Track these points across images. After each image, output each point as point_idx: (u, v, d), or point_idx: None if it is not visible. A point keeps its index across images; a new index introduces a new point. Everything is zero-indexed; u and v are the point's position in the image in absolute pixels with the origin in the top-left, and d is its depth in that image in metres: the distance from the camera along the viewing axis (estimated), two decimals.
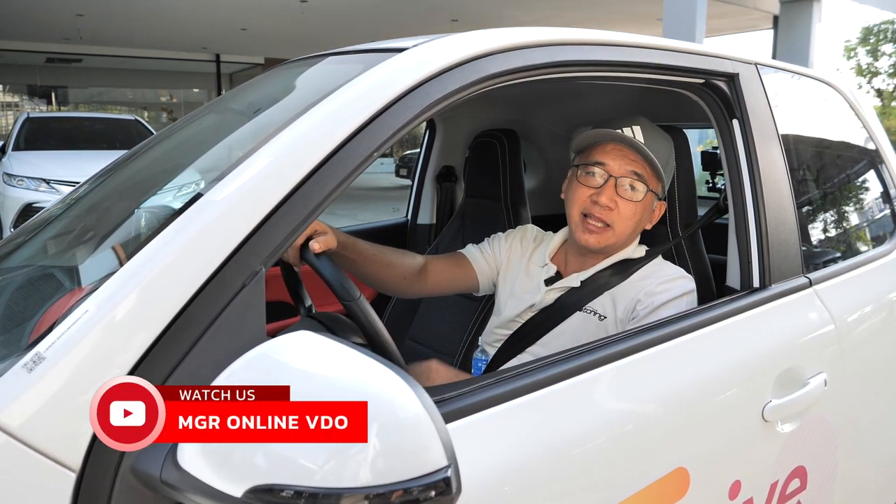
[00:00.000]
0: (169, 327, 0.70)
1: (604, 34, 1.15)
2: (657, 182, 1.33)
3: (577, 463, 0.92)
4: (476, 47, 0.97)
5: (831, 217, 1.67)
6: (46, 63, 14.98)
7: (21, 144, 6.87)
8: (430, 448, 0.56)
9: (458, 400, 0.85)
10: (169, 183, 1.03)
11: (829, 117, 1.72)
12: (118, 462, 0.67)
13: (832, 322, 1.33)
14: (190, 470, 0.61)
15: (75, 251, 1.03)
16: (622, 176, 1.30)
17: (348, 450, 0.58)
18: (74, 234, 1.12)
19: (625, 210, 1.31)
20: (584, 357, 1.00)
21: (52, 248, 1.10)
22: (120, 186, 1.26)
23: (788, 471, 1.22)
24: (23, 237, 1.24)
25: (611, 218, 1.31)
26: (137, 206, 1.02)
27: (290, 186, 0.78)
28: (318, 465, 0.59)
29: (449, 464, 0.57)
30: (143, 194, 1.11)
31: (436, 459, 0.56)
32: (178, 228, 0.74)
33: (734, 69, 1.32)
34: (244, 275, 0.74)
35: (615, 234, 1.32)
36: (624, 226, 1.32)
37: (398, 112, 0.87)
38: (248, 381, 0.64)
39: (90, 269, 0.94)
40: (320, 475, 0.58)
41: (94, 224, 1.15)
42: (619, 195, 1.30)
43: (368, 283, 1.43)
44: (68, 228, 1.17)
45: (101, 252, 1.00)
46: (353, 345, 0.64)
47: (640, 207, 1.32)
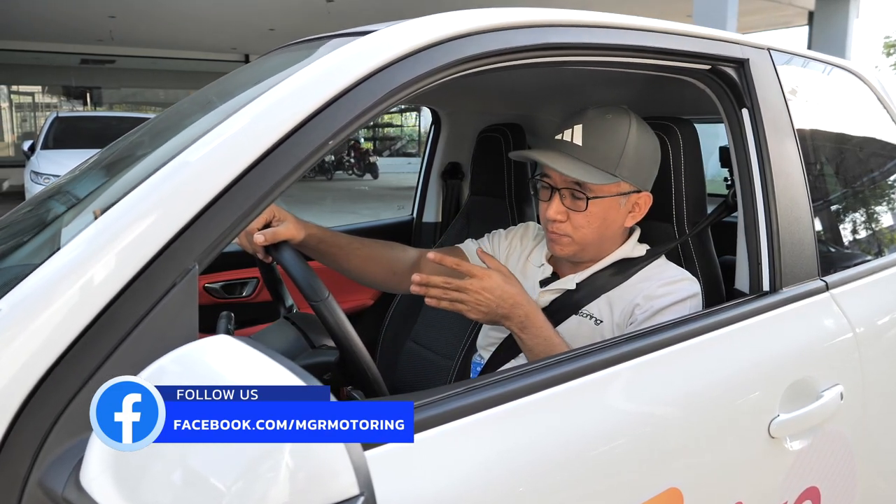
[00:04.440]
0: (87, 330, 0.64)
1: (597, 15, 1.06)
2: (610, 184, 1.20)
3: (556, 481, 0.84)
4: (449, 28, 0.90)
5: (852, 216, 1.55)
6: (81, 64, 15.27)
7: (50, 143, 7.00)
8: (340, 475, 0.49)
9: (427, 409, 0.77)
10: (114, 182, 0.98)
11: (852, 108, 1.60)
12: (26, 476, 0.61)
13: (851, 330, 1.23)
14: (89, 490, 0.55)
15: (13, 253, 0.98)
16: (564, 187, 1.21)
17: (258, 468, 0.51)
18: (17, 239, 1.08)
19: (576, 220, 1.21)
20: (569, 364, 0.92)
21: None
22: (70, 187, 1.21)
23: (799, 492, 1.11)
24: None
25: (564, 229, 1.22)
26: (73, 205, 0.97)
27: (230, 178, 0.72)
28: (227, 485, 0.52)
29: (361, 492, 0.49)
30: (85, 196, 1.07)
31: (345, 488, 0.49)
32: (105, 223, 0.68)
33: (744, 54, 1.22)
34: (175, 273, 0.68)
35: (575, 242, 1.23)
36: (581, 234, 1.22)
37: (357, 98, 0.80)
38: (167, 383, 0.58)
39: (9, 270, 0.89)
40: (227, 498, 0.51)
41: (34, 225, 1.11)
42: (566, 206, 1.21)
43: (353, 279, 1.37)
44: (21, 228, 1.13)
45: (23, 254, 0.95)
46: (276, 355, 0.57)
47: (593, 214, 1.21)
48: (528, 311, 1.14)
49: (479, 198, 2.05)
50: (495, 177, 1.96)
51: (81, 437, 0.62)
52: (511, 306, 1.12)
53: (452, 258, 1.14)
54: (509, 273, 1.16)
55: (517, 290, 1.14)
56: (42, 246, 0.97)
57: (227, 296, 1.89)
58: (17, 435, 0.62)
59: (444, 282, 1.10)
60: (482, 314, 1.13)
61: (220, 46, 14.86)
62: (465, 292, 1.11)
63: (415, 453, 0.74)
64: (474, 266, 1.13)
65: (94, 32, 12.68)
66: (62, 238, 0.86)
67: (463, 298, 1.11)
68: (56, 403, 0.63)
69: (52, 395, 0.63)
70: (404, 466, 0.74)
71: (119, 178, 0.99)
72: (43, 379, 0.63)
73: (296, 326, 1.13)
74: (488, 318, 1.14)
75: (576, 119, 1.22)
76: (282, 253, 1.07)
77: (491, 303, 1.11)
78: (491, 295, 1.11)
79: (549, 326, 1.16)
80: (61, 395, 0.64)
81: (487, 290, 1.11)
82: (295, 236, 1.13)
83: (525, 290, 1.17)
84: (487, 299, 1.11)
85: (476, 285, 1.10)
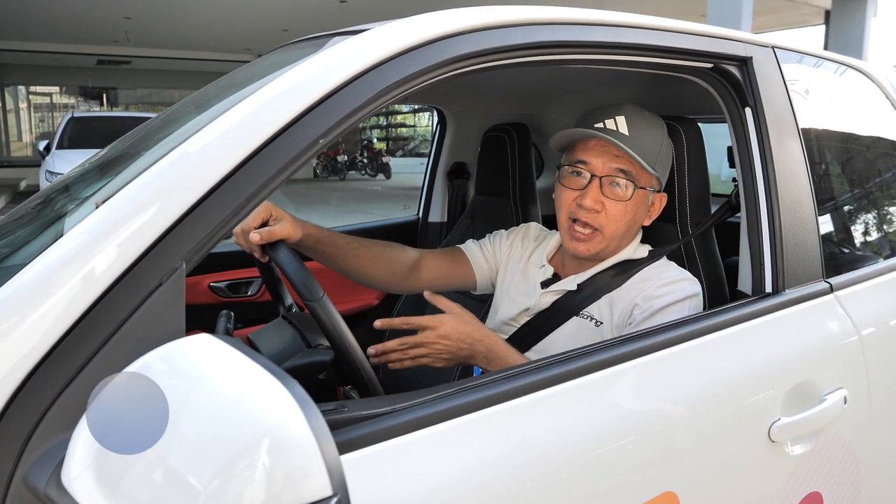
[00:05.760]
0: (74, 326, 0.64)
1: (595, 13, 1.05)
2: (649, 176, 1.22)
3: (547, 483, 0.83)
4: (442, 27, 0.89)
5: (859, 217, 1.53)
6: (98, 65, 15.43)
7: (65, 143, 7.08)
8: (312, 476, 0.49)
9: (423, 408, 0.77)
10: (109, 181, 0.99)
11: (860, 108, 1.58)
12: (11, 472, 0.61)
13: (856, 332, 1.20)
14: (69, 489, 0.55)
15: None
16: (606, 175, 1.19)
17: (235, 466, 0.51)
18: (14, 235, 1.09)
19: (613, 211, 1.20)
20: (567, 364, 0.91)
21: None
22: (68, 187, 1.22)
23: (800, 497, 1.10)
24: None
25: (598, 221, 1.20)
26: (72, 203, 0.98)
27: (218, 177, 0.71)
28: (204, 483, 0.52)
29: (334, 493, 0.49)
30: (82, 194, 1.07)
31: (318, 489, 0.49)
32: (96, 220, 0.69)
33: (747, 52, 1.20)
34: (162, 271, 0.68)
35: (605, 237, 1.22)
36: (614, 228, 1.21)
37: (347, 97, 0.80)
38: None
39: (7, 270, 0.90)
40: (203, 497, 0.51)
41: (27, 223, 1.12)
42: (605, 195, 1.20)
43: (353, 279, 1.37)
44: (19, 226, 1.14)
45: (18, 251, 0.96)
46: (256, 356, 0.57)
47: (630, 206, 1.21)
48: (488, 345, 1.12)
49: (484, 197, 2.04)
50: (500, 176, 1.95)
51: (67, 433, 0.62)
52: (471, 345, 1.10)
53: (401, 319, 1.12)
54: (462, 311, 1.13)
55: (473, 327, 1.12)
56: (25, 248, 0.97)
57: (232, 295, 1.90)
58: (2, 431, 0.62)
59: (399, 343, 1.09)
60: (446, 361, 1.11)
61: (234, 47, 14.96)
62: (423, 346, 1.09)
63: (412, 452, 0.74)
64: (424, 318, 1.10)
65: (111, 33, 12.81)
66: (36, 243, 0.86)
67: (422, 353, 1.10)
68: (42, 400, 0.64)
69: (39, 392, 0.63)
70: (402, 465, 0.73)
71: (109, 177, 1.00)
72: (30, 375, 0.63)
73: (293, 326, 1.12)
74: (454, 363, 1.13)
75: (615, 111, 1.22)
76: (277, 252, 1.06)
77: (451, 347, 1.09)
78: (449, 341, 1.09)
79: (514, 352, 1.14)
80: (48, 391, 0.64)
81: (444, 337, 1.09)
82: (291, 235, 1.13)
83: (481, 324, 1.14)
84: (447, 346, 1.09)
85: (431, 336, 1.09)
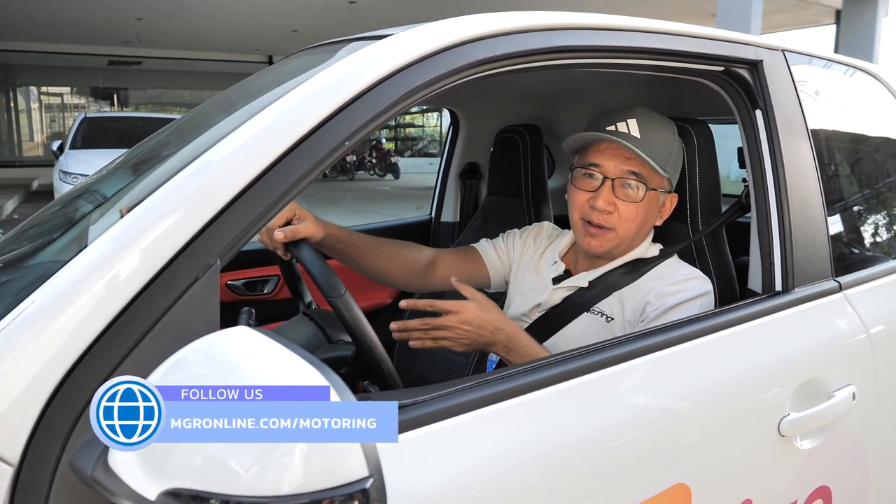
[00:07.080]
0: (114, 321, 0.67)
1: (609, 18, 1.08)
2: (660, 177, 1.24)
3: (562, 475, 0.86)
4: (462, 33, 0.92)
5: (868, 217, 1.55)
6: (109, 66, 15.53)
7: (78, 143, 7.15)
8: (349, 458, 0.52)
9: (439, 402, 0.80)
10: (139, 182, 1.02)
11: (869, 109, 1.59)
12: (58, 457, 0.65)
13: (864, 331, 1.23)
14: (115, 469, 0.58)
15: (44, 249, 1.03)
16: (618, 177, 1.22)
17: (273, 451, 0.54)
18: (49, 236, 1.12)
19: (625, 212, 1.23)
20: (581, 360, 0.93)
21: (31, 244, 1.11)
22: (97, 187, 1.26)
23: (809, 491, 1.12)
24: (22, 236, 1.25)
25: (611, 221, 1.23)
26: (100, 204, 1.01)
27: (249, 178, 0.75)
28: (245, 468, 0.55)
29: (370, 475, 0.52)
30: (111, 195, 1.11)
31: (355, 470, 0.52)
32: (131, 220, 0.72)
33: (757, 56, 1.22)
34: (198, 267, 0.71)
35: (617, 236, 1.25)
36: (626, 228, 1.24)
37: (372, 101, 0.83)
38: (188, 372, 0.61)
39: (41, 266, 0.93)
40: (245, 481, 0.54)
41: (64, 222, 1.16)
42: (617, 197, 1.23)
43: (370, 277, 1.40)
44: (52, 227, 1.18)
45: (58, 247, 0.99)
46: (292, 346, 0.60)
47: (641, 207, 1.23)
48: (509, 334, 1.14)
49: (497, 197, 2.07)
50: (513, 177, 1.98)
51: None
52: (492, 333, 1.13)
53: (425, 301, 1.14)
54: (486, 299, 1.16)
55: (495, 315, 1.14)
56: (71, 243, 1.01)
57: (249, 293, 1.93)
58: (49, 419, 0.65)
59: (422, 323, 1.12)
60: (466, 346, 1.14)
61: (244, 48, 15.02)
62: (445, 329, 1.12)
63: (430, 444, 0.77)
64: (448, 302, 1.13)
65: (122, 34, 12.90)
66: (89, 236, 0.90)
67: (444, 335, 1.12)
68: (85, 391, 0.67)
69: (82, 383, 0.67)
70: (423, 454, 0.76)
71: (144, 178, 1.03)
72: (73, 367, 0.66)
73: (314, 322, 1.16)
74: (473, 348, 1.15)
75: (626, 114, 1.25)
76: (301, 250, 1.10)
77: (472, 334, 1.12)
78: (470, 326, 1.11)
79: (534, 344, 1.17)
80: (90, 382, 0.67)
81: (466, 323, 1.11)
82: (314, 234, 1.16)
83: (503, 313, 1.17)
84: (468, 331, 1.12)
85: (454, 320, 1.11)
